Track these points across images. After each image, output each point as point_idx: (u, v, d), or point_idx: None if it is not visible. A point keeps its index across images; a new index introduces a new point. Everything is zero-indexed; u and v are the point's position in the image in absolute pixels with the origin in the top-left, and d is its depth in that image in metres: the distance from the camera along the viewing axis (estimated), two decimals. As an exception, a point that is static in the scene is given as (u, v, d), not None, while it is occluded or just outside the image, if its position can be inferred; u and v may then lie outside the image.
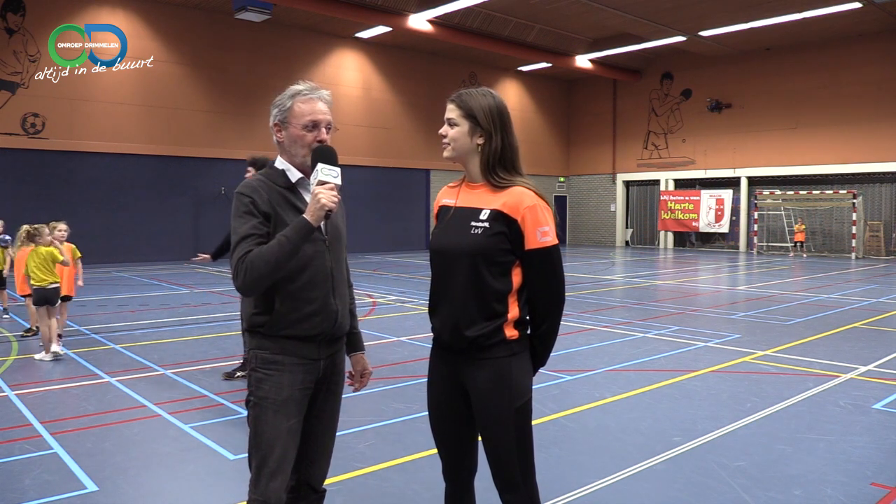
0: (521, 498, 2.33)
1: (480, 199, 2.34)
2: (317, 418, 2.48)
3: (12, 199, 17.18)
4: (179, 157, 19.51)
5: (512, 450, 2.29)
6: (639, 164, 28.29)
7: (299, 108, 2.37)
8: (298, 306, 2.34)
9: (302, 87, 2.41)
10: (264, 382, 2.35)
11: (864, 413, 5.18)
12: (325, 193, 2.20)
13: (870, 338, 8.31)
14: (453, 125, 2.37)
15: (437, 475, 3.92)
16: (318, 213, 2.20)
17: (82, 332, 8.60)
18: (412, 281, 14.89)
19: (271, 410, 2.32)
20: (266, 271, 2.21)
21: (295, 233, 2.21)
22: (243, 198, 2.33)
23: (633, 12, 19.87)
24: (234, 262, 2.25)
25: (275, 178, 2.41)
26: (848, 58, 22.60)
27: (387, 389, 5.90)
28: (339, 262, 2.49)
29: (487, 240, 2.24)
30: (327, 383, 2.49)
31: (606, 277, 15.94)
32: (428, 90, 25.17)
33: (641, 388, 5.89)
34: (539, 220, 2.25)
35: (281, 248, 2.20)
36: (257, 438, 2.34)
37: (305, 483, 2.50)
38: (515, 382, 2.29)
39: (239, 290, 2.27)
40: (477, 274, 2.25)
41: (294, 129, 2.38)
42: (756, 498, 3.63)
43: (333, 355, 2.49)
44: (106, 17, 18.31)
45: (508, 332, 2.28)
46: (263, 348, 2.37)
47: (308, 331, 2.35)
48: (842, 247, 23.26)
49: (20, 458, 4.22)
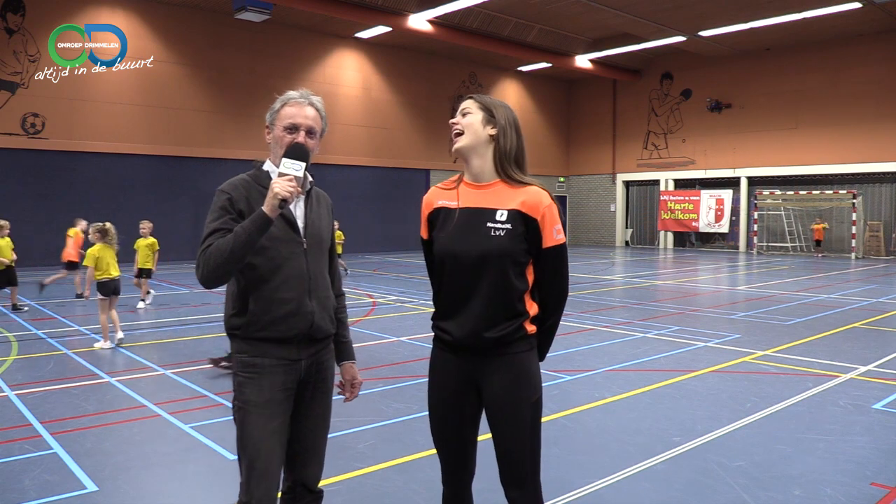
0: (528, 494, 2.33)
1: (492, 199, 2.31)
2: (307, 419, 2.48)
3: (12, 199, 17.18)
4: (179, 157, 19.50)
5: (525, 444, 2.31)
6: (639, 164, 28.29)
7: (285, 110, 2.42)
8: (272, 308, 2.34)
9: (295, 92, 2.46)
10: (245, 386, 2.35)
11: (863, 413, 5.18)
12: (280, 183, 2.19)
13: (870, 338, 8.31)
14: (466, 114, 2.36)
15: (436, 475, 3.92)
16: (272, 203, 2.19)
17: (82, 332, 8.60)
18: (412, 281, 14.90)
19: (255, 413, 2.33)
20: (221, 261, 2.21)
21: (250, 223, 2.21)
22: (222, 194, 2.36)
23: (633, 12, 19.87)
24: (198, 254, 2.28)
25: (260, 178, 2.43)
26: (848, 58, 22.60)
27: (387, 389, 5.90)
28: (319, 266, 2.48)
29: (512, 241, 2.25)
30: (314, 383, 2.47)
31: (606, 277, 15.94)
32: (428, 90, 25.17)
33: (641, 388, 5.89)
34: (555, 219, 2.30)
35: (236, 238, 2.21)
36: (243, 441, 2.35)
37: (300, 484, 2.50)
38: (533, 376, 2.33)
39: (200, 281, 2.29)
40: (503, 276, 2.25)
41: (277, 130, 2.41)
42: (756, 498, 3.63)
43: (317, 355, 2.47)
44: (106, 17, 18.31)
45: (529, 327, 2.32)
46: (242, 352, 2.37)
47: (284, 332, 2.35)
48: (842, 247, 23.27)
49: (20, 458, 4.21)
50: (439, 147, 25.16)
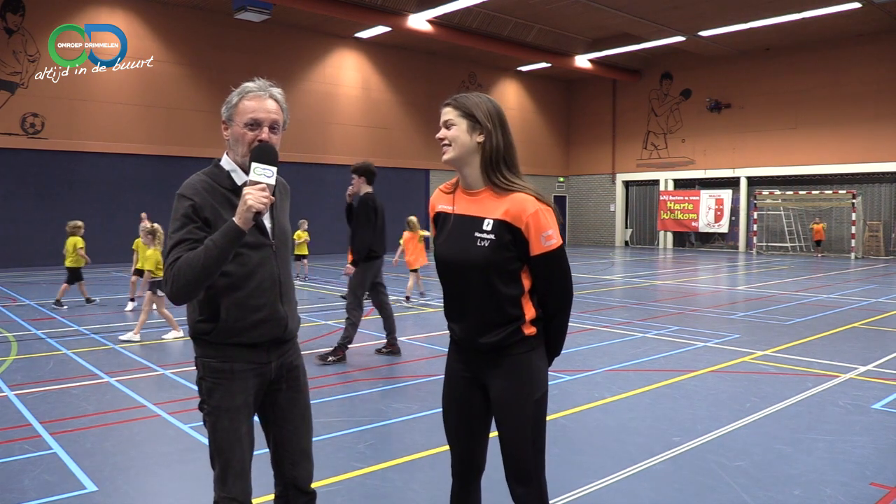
0: (533, 491, 2.34)
1: (481, 207, 2.31)
2: (287, 423, 2.43)
3: (12, 199, 17.19)
4: (179, 157, 19.50)
5: (528, 442, 2.32)
6: (638, 164, 28.30)
7: (244, 104, 2.27)
8: (245, 315, 2.26)
9: (253, 84, 2.31)
10: (215, 391, 2.30)
11: (863, 413, 5.19)
12: (253, 194, 2.08)
13: (869, 338, 8.31)
14: (451, 126, 2.33)
15: (437, 475, 3.93)
16: (245, 216, 2.08)
17: (82, 333, 8.60)
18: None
19: (226, 418, 2.29)
20: (192, 278, 2.11)
21: (223, 237, 2.10)
22: (183, 200, 2.23)
23: (633, 12, 19.87)
24: (165, 269, 2.17)
25: (220, 178, 2.32)
26: (848, 58, 22.60)
27: (387, 389, 5.90)
28: (287, 266, 2.42)
29: (495, 252, 2.24)
30: (286, 381, 2.43)
31: (606, 277, 15.94)
32: (427, 90, 25.17)
33: (641, 388, 5.89)
34: (542, 226, 2.24)
35: (207, 253, 2.10)
36: (217, 444, 2.31)
37: (292, 486, 2.47)
38: (535, 374, 2.33)
39: (169, 298, 2.19)
40: (489, 284, 2.27)
41: (237, 126, 2.29)
42: (756, 498, 3.63)
43: (284, 356, 2.43)
44: (106, 17, 18.31)
45: (527, 330, 2.32)
46: (210, 357, 2.30)
47: (256, 338, 2.30)
48: (841, 247, 23.26)
49: (20, 458, 4.21)
50: (439, 147, 25.05)
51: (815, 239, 23.26)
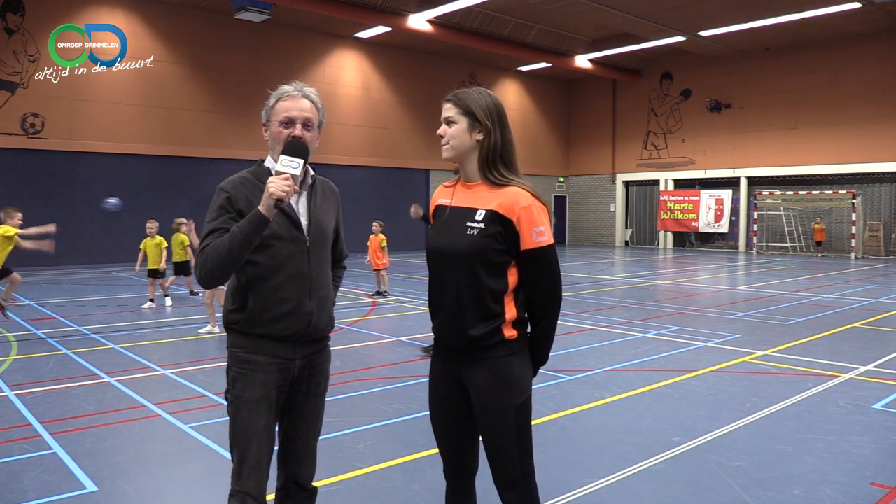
0: (522, 496, 2.32)
1: (476, 199, 2.32)
2: (301, 420, 2.49)
3: (12, 199, 17.14)
4: (179, 157, 19.49)
5: (512, 448, 2.29)
6: (638, 164, 28.30)
7: (280, 105, 2.39)
8: (271, 306, 2.34)
9: (289, 86, 2.43)
10: (238, 381, 2.37)
11: (863, 413, 5.19)
12: (276, 182, 2.18)
13: (869, 338, 8.31)
14: (451, 123, 2.35)
15: (437, 475, 3.93)
16: (267, 203, 2.18)
17: (82, 333, 8.60)
18: (412, 281, 14.90)
19: (246, 409, 2.35)
20: (219, 261, 2.22)
21: (247, 223, 2.20)
22: (221, 193, 2.36)
23: (633, 12, 19.87)
24: (198, 255, 2.30)
25: (260, 175, 2.41)
26: (848, 58, 22.60)
27: (387, 389, 5.90)
28: (321, 264, 2.47)
29: (483, 241, 2.24)
30: (307, 384, 2.48)
31: (606, 277, 15.94)
32: (427, 90, 25.16)
33: (641, 388, 5.89)
34: (534, 221, 2.24)
35: (232, 238, 2.20)
36: (235, 435, 2.37)
37: (293, 481, 2.52)
38: (515, 381, 2.29)
39: (199, 281, 2.31)
40: (473, 275, 2.25)
41: (274, 126, 2.40)
42: (756, 498, 3.63)
43: (312, 356, 2.48)
44: (106, 17, 18.30)
45: (507, 332, 2.29)
46: (238, 346, 2.39)
47: (281, 331, 2.35)
48: (841, 247, 23.27)
49: (20, 458, 4.21)
50: (439, 147, 24.88)
51: (815, 239, 23.26)
